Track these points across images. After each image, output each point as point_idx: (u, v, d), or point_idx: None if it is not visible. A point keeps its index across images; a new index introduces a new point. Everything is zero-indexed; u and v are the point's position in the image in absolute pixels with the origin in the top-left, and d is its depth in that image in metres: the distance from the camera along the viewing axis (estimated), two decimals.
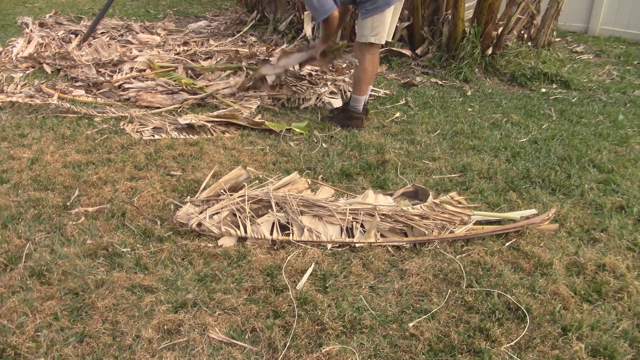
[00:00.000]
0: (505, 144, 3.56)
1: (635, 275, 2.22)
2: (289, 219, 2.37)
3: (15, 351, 1.67)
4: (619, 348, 1.81)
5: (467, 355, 1.76)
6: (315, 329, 1.83)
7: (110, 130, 3.45)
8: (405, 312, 1.94)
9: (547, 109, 4.38)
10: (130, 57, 4.87)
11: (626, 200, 2.85)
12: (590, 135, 3.82)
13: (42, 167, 2.88)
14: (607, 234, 2.53)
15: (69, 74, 4.57)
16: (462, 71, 5.16)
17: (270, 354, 1.73)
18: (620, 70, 5.80)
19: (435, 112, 4.20)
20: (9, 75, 4.48)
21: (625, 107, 4.55)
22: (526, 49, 5.66)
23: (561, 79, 5.18)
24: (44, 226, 2.36)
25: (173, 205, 2.56)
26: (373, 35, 3.54)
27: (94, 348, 1.71)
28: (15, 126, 3.44)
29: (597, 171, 3.22)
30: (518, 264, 2.24)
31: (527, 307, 1.96)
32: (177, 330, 1.80)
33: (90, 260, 2.14)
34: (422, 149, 3.44)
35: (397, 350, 1.77)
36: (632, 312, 2.01)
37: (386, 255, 2.27)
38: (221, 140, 3.39)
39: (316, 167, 3.07)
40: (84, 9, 7.92)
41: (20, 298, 1.90)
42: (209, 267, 2.12)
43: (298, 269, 2.13)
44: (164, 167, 2.98)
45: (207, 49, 5.40)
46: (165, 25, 6.89)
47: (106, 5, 5.33)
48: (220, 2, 9.27)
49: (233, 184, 2.64)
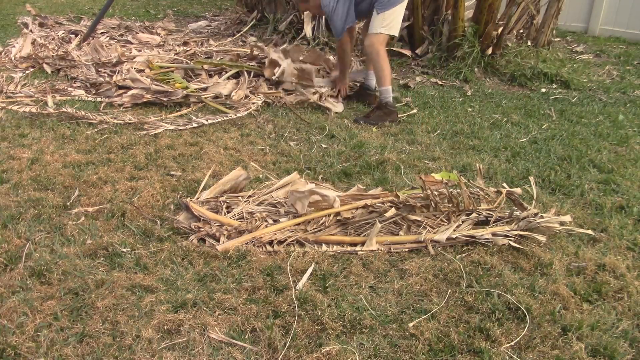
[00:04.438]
0: (505, 144, 3.56)
1: (635, 275, 2.22)
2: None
3: (15, 351, 1.67)
4: (619, 348, 1.81)
5: (467, 355, 1.76)
6: (315, 329, 1.83)
7: (110, 130, 3.44)
8: (405, 312, 1.94)
9: (547, 109, 4.38)
10: (129, 57, 4.87)
11: (626, 200, 2.85)
12: (590, 135, 3.82)
13: (42, 167, 2.88)
14: (607, 234, 2.53)
15: (69, 74, 4.57)
16: (462, 71, 5.16)
17: (270, 354, 1.73)
18: (620, 70, 5.80)
19: (435, 112, 4.20)
20: (9, 75, 4.48)
21: (625, 107, 4.55)
22: (526, 48, 5.65)
23: (561, 79, 5.18)
24: (44, 226, 2.36)
25: (173, 205, 2.56)
26: (384, 27, 3.81)
27: (94, 348, 1.71)
28: (15, 126, 3.44)
29: (597, 171, 3.22)
30: (518, 264, 2.24)
31: (527, 307, 1.96)
32: (177, 330, 1.80)
33: (90, 260, 2.14)
34: (422, 149, 3.44)
35: (397, 350, 1.77)
36: (632, 312, 2.01)
37: (386, 255, 2.27)
38: (221, 140, 3.39)
39: (316, 167, 3.07)
40: (84, 9, 7.92)
41: (20, 298, 1.90)
42: (209, 267, 2.12)
43: (298, 269, 2.13)
44: (164, 167, 2.98)
45: (207, 49, 5.40)
46: (165, 25, 6.89)
47: (106, 5, 5.34)
48: (220, 2, 9.27)
49: (233, 184, 2.64)
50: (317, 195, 2.40)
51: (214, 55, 5.14)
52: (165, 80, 4.27)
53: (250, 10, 7.19)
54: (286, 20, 6.49)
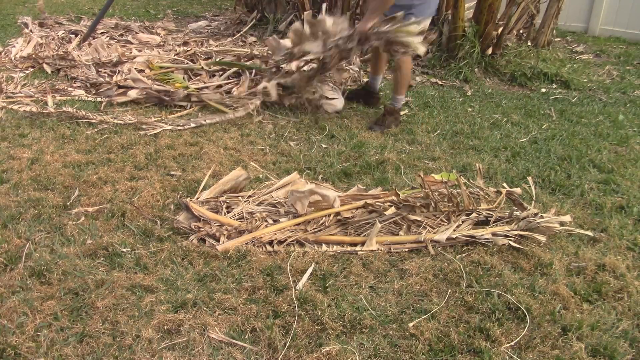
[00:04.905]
0: (505, 144, 3.56)
1: (635, 275, 2.22)
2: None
3: (15, 351, 1.67)
4: (619, 348, 1.81)
5: (467, 355, 1.76)
6: (315, 329, 1.83)
7: (110, 130, 3.44)
8: (405, 312, 1.94)
9: (547, 109, 4.38)
10: (129, 57, 4.87)
11: (626, 200, 2.85)
12: (590, 135, 3.82)
13: (42, 167, 2.88)
14: (607, 234, 2.53)
15: (69, 74, 4.57)
16: (462, 71, 5.16)
17: (270, 354, 1.73)
18: (620, 70, 5.80)
19: (435, 112, 4.20)
20: (9, 75, 4.48)
21: (625, 107, 4.55)
22: (526, 48, 5.65)
23: (561, 79, 5.17)
24: (44, 226, 2.36)
25: (173, 205, 2.56)
26: None
27: (94, 348, 1.71)
28: (15, 126, 3.44)
29: (597, 171, 3.22)
30: (518, 264, 2.24)
31: (527, 307, 1.96)
32: (177, 330, 1.80)
33: (90, 260, 2.14)
34: (422, 149, 3.44)
35: (397, 350, 1.77)
36: (632, 312, 2.01)
37: (386, 255, 2.27)
38: (221, 140, 3.39)
39: (316, 167, 3.07)
40: (84, 9, 7.91)
41: (20, 298, 1.90)
42: (208, 267, 2.12)
43: (298, 269, 2.13)
44: (164, 167, 2.98)
45: (207, 49, 5.40)
46: (165, 25, 6.89)
47: (106, 5, 5.33)
48: (220, 2, 9.27)
49: (233, 184, 2.64)
50: (317, 196, 2.40)
51: (214, 55, 5.14)
52: (165, 81, 4.28)
53: (250, 10, 7.19)
54: (286, 20, 6.50)
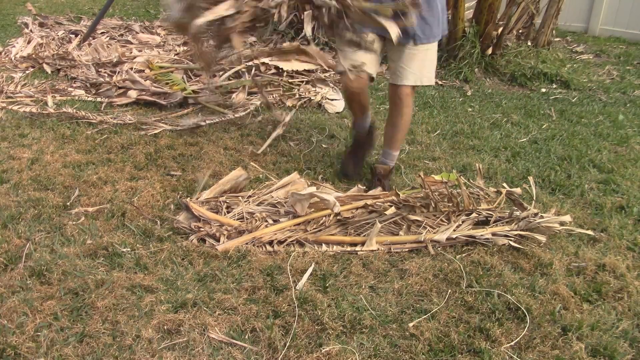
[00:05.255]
0: (505, 144, 3.56)
1: (635, 275, 2.22)
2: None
3: (15, 351, 1.67)
4: (619, 348, 1.81)
5: (467, 355, 1.76)
6: (315, 329, 1.83)
7: (110, 130, 3.44)
8: (405, 312, 1.94)
9: (547, 109, 4.38)
10: (130, 57, 4.87)
11: (626, 200, 2.85)
12: (590, 135, 3.82)
13: (42, 167, 2.88)
14: (607, 234, 2.53)
15: (69, 74, 4.57)
16: (462, 71, 5.16)
17: (270, 354, 1.73)
18: (620, 70, 5.80)
19: (435, 112, 4.20)
20: (9, 75, 4.48)
21: (625, 107, 4.55)
22: (526, 48, 5.65)
23: (561, 79, 5.17)
24: (44, 226, 2.36)
25: (173, 205, 2.56)
26: (424, 76, 2.71)
27: (94, 348, 1.71)
28: (15, 126, 3.44)
29: (597, 171, 3.22)
30: (518, 264, 2.24)
31: (527, 307, 1.96)
32: (177, 330, 1.80)
33: (90, 260, 2.14)
34: (422, 149, 3.44)
35: (397, 350, 1.77)
36: (632, 312, 2.01)
37: (386, 255, 2.27)
38: (221, 140, 3.39)
39: (316, 167, 3.07)
40: (84, 9, 7.91)
41: (20, 298, 1.90)
42: (208, 267, 2.12)
43: (298, 269, 2.13)
44: (164, 167, 2.98)
45: None
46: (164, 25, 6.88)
47: (106, 5, 5.32)
48: None
49: (233, 184, 2.64)
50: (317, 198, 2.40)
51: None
52: (164, 81, 4.27)
53: None
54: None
